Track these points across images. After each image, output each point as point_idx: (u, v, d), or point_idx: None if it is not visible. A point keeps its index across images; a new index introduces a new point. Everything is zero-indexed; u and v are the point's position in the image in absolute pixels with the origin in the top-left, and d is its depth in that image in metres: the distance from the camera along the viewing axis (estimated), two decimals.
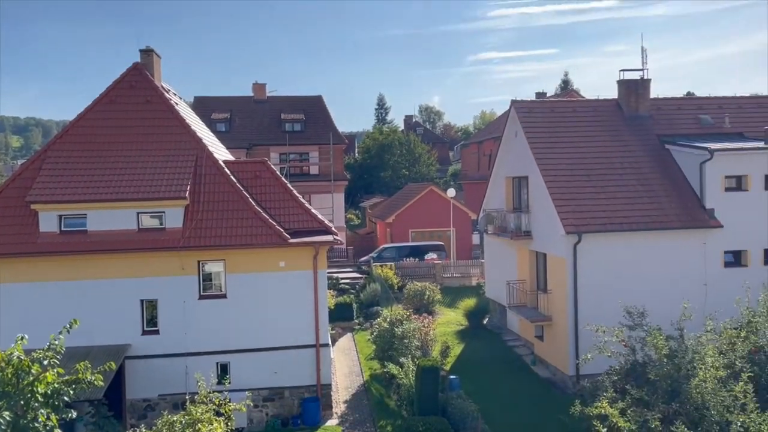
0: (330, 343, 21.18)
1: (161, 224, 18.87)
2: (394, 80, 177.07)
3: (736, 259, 21.83)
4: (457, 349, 25.22)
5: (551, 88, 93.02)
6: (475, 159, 60.50)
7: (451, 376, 20.70)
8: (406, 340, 21.52)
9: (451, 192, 42.05)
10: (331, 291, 30.67)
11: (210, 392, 13.79)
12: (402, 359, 20.30)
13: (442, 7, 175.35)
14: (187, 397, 14.97)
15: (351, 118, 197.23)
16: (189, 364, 18.56)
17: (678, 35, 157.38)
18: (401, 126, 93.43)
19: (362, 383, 22.62)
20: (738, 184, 21.87)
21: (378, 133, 73.48)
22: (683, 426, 10.79)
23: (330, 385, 20.09)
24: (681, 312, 14.25)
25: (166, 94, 22.28)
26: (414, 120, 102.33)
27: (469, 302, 28.94)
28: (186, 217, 19.07)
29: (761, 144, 22.02)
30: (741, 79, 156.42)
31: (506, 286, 25.21)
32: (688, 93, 51.13)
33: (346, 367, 24.32)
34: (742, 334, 13.68)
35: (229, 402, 13.57)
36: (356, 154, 76.10)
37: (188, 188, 19.07)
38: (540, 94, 58.50)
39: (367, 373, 23.38)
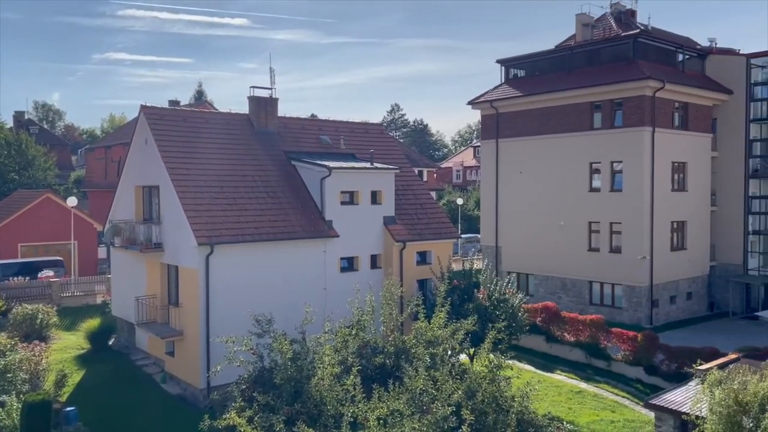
0: None
1: None
2: (1, 70, 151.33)
3: (349, 264, 24.66)
4: (76, 377, 22.59)
5: (186, 98, 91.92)
6: (103, 165, 55.76)
7: (68, 408, 18.39)
8: (9, 375, 18.27)
9: (73, 200, 37.64)
10: None
11: None
12: (4, 398, 17.16)
13: None
14: None
15: None
16: None
17: (302, 61, 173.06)
18: (10, 123, 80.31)
19: None
20: (351, 198, 24.79)
21: None
22: (304, 424, 11.57)
23: None
24: (304, 316, 15.33)
25: None
26: (27, 117, 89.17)
27: (93, 323, 26.24)
28: None
29: (368, 164, 25.42)
30: (353, 106, 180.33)
31: (135, 303, 23.63)
32: (312, 115, 56.35)
33: None
34: (353, 332, 15.38)
35: None
36: None
37: None
38: (173, 102, 57.18)
39: None
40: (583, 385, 24.41)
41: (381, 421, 11.66)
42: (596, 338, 26.57)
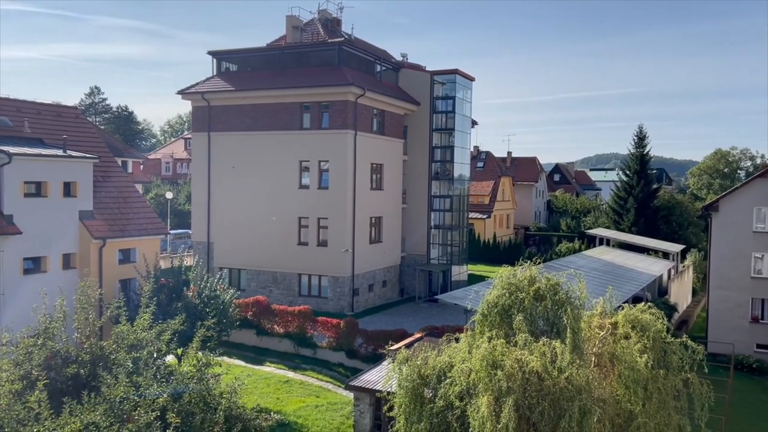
0: None
1: None
2: None
3: (36, 265, 21.67)
4: None
5: None
6: None
7: None
8: None
9: None
10: None
11: None
12: None
13: None
14: None
15: None
16: None
17: None
18: None
19: None
20: (38, 190, 21.79)
21: None
22: None
23: None
24: None
25: None
26: None
27: None
28: None
29: (60, 152, 22.65)
30: (42, 85, 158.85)
31: None
32: None
33: None
34: (39, 342, 13.58)
35: None
36: None
37: None
38: None
39: None
40: (291, 374, 25.39)
41: None
42: (304, 328, 27.86)
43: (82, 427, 10.72)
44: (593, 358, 13.63)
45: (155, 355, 14.72)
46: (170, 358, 18.43)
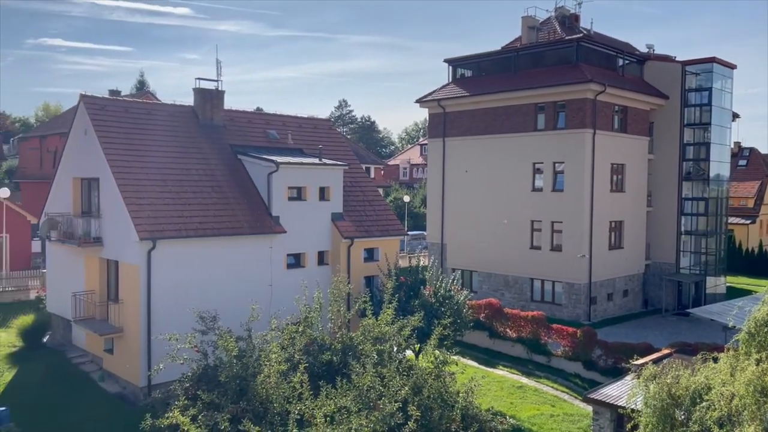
0: None
1: None
2: None
3: (296, 260, 24.48)
4: (8, 376, 21.68)
5: (126, 87, 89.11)
6: (37, 155, 53.35)
7: None
8: None
9: (5, 192, 35.94)
10: None
11: None
12: None
13: None
14: None
15: None
16: None
17: (247, 53, 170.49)
18: None
19: None
20: (299, 194, 24.60)
21: None
22: (249, 423, 11.44)
23: None
24: (250, 313, 15.14)
25: None
26: None
27: (26, 319, 25.19)
28: None
29: (316, 160, 25.27)
30: (300, 101, 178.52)
31: (72, 299, 22.81)
32: (258, 108, 55.53)
33: None
34: (300, 329, 15.28)
35: None
36: None
37: None
38: (114, 92, 55.20)
39: None
40: (524, 380, 25.00)
41: (328, 419, 11.64)
42: (537, 334, 27.24)
43: (335, 410, 11.78)
44: None
45: (396, 349, 15.57)
46: (409, 353, 19.35)
